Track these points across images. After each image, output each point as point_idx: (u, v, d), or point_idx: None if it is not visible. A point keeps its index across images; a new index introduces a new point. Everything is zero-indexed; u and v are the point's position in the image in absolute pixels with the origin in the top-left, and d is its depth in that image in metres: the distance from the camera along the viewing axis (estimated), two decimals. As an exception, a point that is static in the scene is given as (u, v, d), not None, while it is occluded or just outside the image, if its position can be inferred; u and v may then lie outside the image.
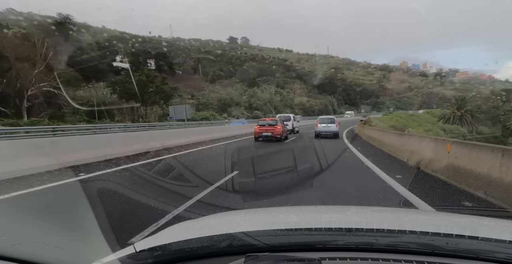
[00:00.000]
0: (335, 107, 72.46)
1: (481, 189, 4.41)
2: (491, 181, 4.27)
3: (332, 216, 1.58)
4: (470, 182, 4.75)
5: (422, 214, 2.21)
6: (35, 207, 4.21)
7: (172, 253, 1.03)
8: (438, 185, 5.34)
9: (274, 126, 14.72)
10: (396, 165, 7.62)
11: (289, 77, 79.71)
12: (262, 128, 14.84)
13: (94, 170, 6.79)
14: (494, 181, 4.20)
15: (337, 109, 72.52)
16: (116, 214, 3.57)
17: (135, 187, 5.30)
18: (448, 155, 5.78)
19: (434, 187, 5.23)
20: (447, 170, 5.61)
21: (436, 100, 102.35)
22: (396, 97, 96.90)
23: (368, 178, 6.01)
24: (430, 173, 6.24)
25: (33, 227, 2.28)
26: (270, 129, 14.62)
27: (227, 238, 1.06)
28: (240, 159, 8.52)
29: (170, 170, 7.02)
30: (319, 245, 1.04)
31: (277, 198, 4.46)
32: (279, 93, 56.53)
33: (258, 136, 14.73)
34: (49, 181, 5.52)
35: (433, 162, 6.39)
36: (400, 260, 0.92)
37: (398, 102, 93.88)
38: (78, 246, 1.83)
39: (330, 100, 71.38)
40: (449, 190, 4.93)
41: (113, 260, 1.02)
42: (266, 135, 14.54)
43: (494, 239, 1.02)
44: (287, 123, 19.05)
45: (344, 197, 4.67)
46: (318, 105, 61.24)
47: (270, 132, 14.54)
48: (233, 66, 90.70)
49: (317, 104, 61.82)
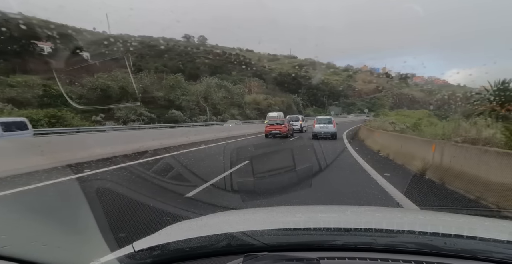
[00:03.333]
0: (300, 107, 59.41)
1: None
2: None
3: (331, 216, 1.59)
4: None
5: (420, 214, 2.19)
6: (35, 205, 4.17)
7: (171, 252, 1.02)
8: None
9: (281, 125, 17.74)
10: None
11: (248, 75, 68.90)
12: (271, 127, 17.77)
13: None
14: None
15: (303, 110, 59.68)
16: (115, 213, 3.58)
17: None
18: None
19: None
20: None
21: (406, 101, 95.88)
22: (366, 98, 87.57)
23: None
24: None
25: (32, 226, 2.45)
26: (278, 128, 17.54)
27: (225, 238, 1.06)
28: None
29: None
30: (317, 244, 1.03)
31: (276, 197, 4.48)
32: (224, 86, 41.30)
33: (268, 133, 17.67)
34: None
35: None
36: (398, 260, 0.92)
37: (368, 103, 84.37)
38: (77, 245, 1.88)
39: (294, 99, 58.13)
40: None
41: (112, 259, 1.02)
42: (275, 132, 17.46)
43: (492, 239, 1.02)
44: (296, 123, 22.13)
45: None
46: (278, 104, 47.19)
47: (278, 130, 17.47)
48: (183, 62, 78.70)
49: (278, 103, 47.74)
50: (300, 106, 59.13)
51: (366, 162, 7.99)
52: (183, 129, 20.97)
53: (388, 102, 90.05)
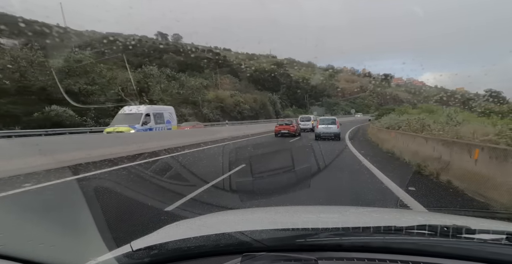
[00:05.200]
0: (278, 107, 51.46)
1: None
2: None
3: (329, 216, 1.60)
4: None
5: (418, 215, 2.17)
6: (33, 205, 4.20)
7: (169, 252, 1.02)
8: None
9: (290, 125, 19.37)
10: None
11: (223, 73, 62.03)
12: (280, 126, 19.34)
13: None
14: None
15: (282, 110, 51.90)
16: (112, 213, 3.58)
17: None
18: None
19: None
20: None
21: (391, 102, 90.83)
22: (350, 98, 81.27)
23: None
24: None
25: (31, 225, 2.43)
26: (287, 128, 19.17)
27: (224, 238, 1.05)
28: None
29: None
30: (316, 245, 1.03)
31: (275, 197, 4.37)
32: (176, 79, 32.26)
33: (277, 133, 19.21)
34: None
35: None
36: (396, 261, 0.92)
37: (352, 104, 78.02)
38: (75, 244, 1.88)
39: (270, 98, 50.08)
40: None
41: (110, 258, 1.01)
42: (284, 132, 19.01)
43: (489, 240, 1.03)
44: (307, 123, 23.87)
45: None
46: (250, 103, 38.72)
47: (287, 130, 19.06)
48: (150, 59, 70.84)
49: (248, 101, 39.20)
50: (277, 105, 51.17)
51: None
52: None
53: (374, 102, 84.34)
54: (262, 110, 38.09)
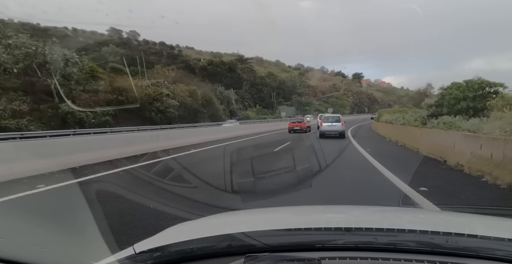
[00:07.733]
0: (233, 105, 39.91)
1: None
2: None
3: (331, 216, 1.59)
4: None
5: (421, 213, 2.17)
6: (35, 208, 4.16)
7: (172, 254, 1.02)
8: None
9: (301, 123, 22.79)
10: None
11: (178, 68, 51.76)
12: (293, 124, 22.70)
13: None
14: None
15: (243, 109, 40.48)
16: (115, 215, 3.59)
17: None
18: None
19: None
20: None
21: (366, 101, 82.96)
22: (323, 97, 72.14)
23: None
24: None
25: (32, 229, 2.41)
26: (299, 125, 22.41)
27: (226, 239, 1.06)
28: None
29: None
30: (318, 244, 1.03)
31: (278, 197, 4.46)
32: (73, 62, 20.33)
33: (291, 129, 22.23)
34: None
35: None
36: (399, 259, 0.91)
37: (326, 103, 68.67)
38: (77, 247, 1.88)
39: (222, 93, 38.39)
40: None
41: (112, 261, 1.02)
42: (296, 128, 22.15)
43: (493, 237, 1.02)
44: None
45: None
46: (182, 98, 26.50)
47: (299, 127, 22.26)
48: (88, 53, 57.59)
49: (181, 95, 26.75)
50: (233, 104, 39.63)
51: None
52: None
53: (349, 101, 75.94)
54: (205, 108, 26.63)
